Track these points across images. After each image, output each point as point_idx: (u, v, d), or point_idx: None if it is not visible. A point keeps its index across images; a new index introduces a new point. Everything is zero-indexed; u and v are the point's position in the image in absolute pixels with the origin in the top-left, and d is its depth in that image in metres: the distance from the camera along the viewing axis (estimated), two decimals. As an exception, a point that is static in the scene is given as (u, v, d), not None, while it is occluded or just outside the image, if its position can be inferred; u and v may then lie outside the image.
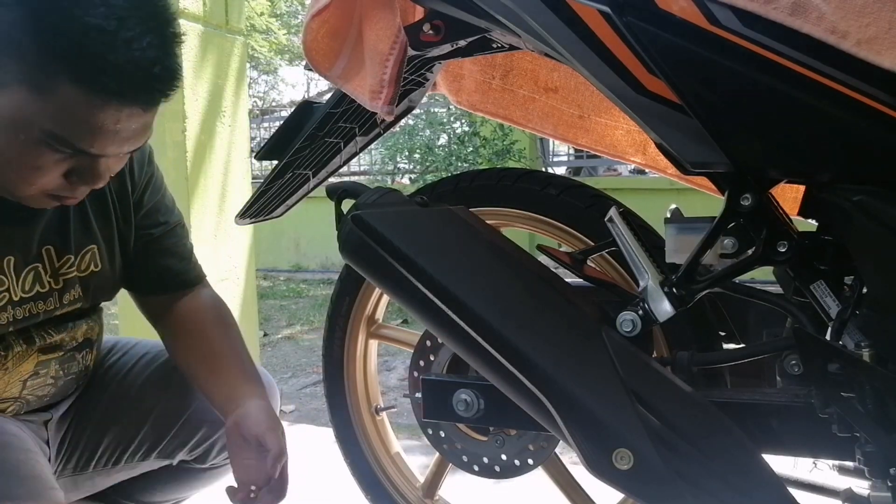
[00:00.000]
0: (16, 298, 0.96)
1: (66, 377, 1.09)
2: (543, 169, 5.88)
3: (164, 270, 1.15)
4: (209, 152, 2.24)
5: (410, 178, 5.69)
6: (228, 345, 1.14)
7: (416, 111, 4.59)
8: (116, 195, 1.07)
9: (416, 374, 1.15)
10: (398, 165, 5.83)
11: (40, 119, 0.78)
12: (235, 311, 2.38)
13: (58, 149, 0.81)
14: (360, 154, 1.26)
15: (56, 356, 1.06)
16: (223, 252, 2.30)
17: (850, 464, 0.83)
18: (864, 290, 0.77)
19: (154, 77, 0.80)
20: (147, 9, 0.80)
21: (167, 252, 1.15)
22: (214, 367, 1.10)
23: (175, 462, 1.21)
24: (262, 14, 8.49)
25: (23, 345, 1.01)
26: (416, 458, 1.95)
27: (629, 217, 0.92)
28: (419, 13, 0.93)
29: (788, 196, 1.05)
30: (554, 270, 0.95)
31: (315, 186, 1.22)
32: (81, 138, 0.80)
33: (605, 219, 0.91)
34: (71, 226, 1.02)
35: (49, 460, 1.08)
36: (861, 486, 0.82)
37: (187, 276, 1.18)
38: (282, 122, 1.19)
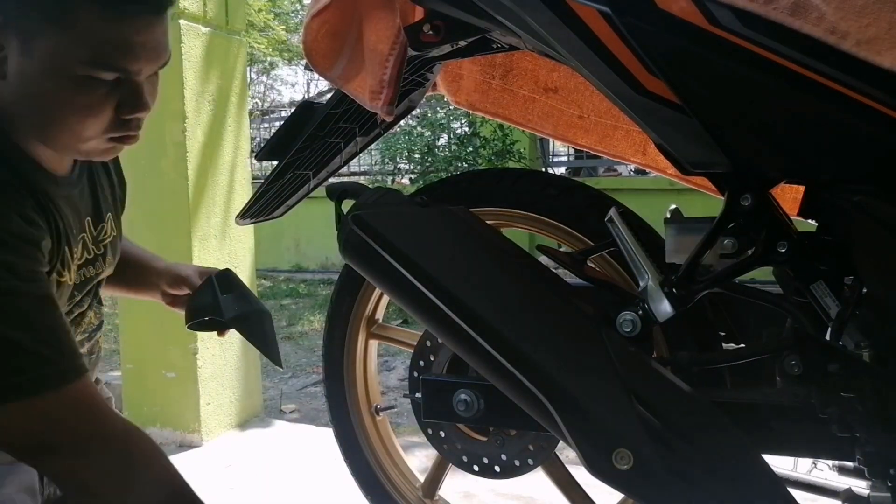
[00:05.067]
0: (73, 266, 1.01)
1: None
2: (543, 169, 5.88)
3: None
4: (209, 152, 2.24)
5: (410, 179, 5.68)
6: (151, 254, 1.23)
7: (417, 111, 4.58)
8: (115, 172, 1.13)
9: (416, 374, 1.15)
10: (398, 166, 5.82)
11: (73, 52, 0.83)
12: (235, 312, 2.38)
13: (98, 76, 0.85)
14: (360, 154, 1.26)
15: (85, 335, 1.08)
16: (224, 252, 2.31)
17: (850, 464, 0.83)
18: (864, 290, 0.77)
19: None
20: None
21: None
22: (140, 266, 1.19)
23: None
24: (259, 11, 8.47)
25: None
26: (416, 458, 1.95)
27: (629, 217, 0.92)
28: (419, 13, 0.93)
29: (788, 196, 1.05)
30: (554, 270, 0.95)
31: (315, 187, 1.22)
32: (113, 57, 0.85)
33: (605, 219, 0.91)
34: (99, 196, 1.07)
35: None
36: (861, 486, 0.83)
37: None
38: (282, 122, 1.20)
